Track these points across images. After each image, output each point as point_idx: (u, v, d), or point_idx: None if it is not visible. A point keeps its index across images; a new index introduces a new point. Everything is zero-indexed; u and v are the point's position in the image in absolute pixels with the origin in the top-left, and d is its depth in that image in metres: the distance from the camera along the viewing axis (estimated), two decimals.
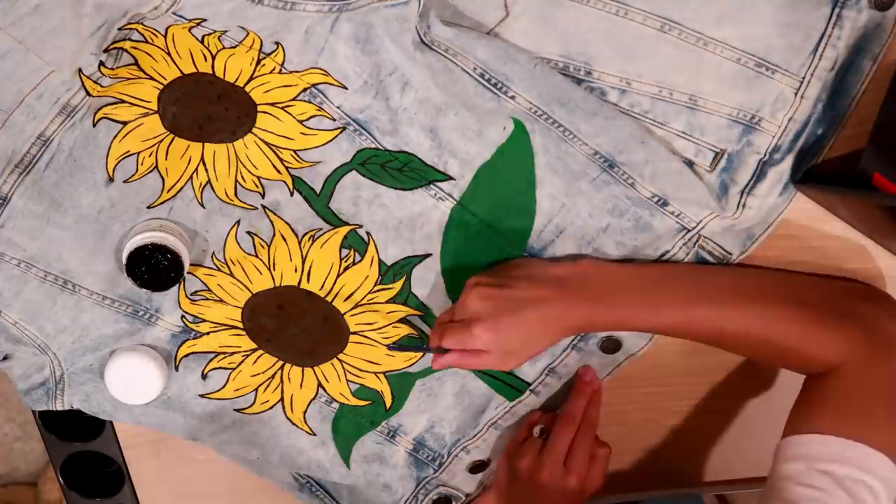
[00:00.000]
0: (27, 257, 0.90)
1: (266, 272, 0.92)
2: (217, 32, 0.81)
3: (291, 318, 0.93)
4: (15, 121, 0.84)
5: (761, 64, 0.79)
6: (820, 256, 0.90)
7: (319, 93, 0.84)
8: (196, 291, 0.93)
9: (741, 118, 0.81)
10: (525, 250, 0.89)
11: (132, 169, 0.87)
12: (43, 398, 0.97)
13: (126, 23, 0.80)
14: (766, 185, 0.83)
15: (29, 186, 0.86)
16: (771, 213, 0.86)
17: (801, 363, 0.85)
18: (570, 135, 0.82)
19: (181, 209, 0.89)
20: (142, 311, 0.93)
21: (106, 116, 0.85)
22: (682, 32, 0.79)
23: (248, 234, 0.90)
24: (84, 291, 0.92)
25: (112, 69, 0.82)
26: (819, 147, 0.83)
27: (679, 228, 0.86)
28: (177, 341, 0.95)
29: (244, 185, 0.88)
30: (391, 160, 0.87)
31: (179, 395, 0.97)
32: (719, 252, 0.88)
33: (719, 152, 0.83)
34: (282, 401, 0.98)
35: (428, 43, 0.79)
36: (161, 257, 0.86)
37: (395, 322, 0.93)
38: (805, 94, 0.79)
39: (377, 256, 0.91)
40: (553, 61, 0.81)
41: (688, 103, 0.81)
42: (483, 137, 0.85)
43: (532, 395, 0.96)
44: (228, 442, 1.00)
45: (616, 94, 0.82)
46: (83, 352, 0.95)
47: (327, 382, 0.96)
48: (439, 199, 0.88)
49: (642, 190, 0.85)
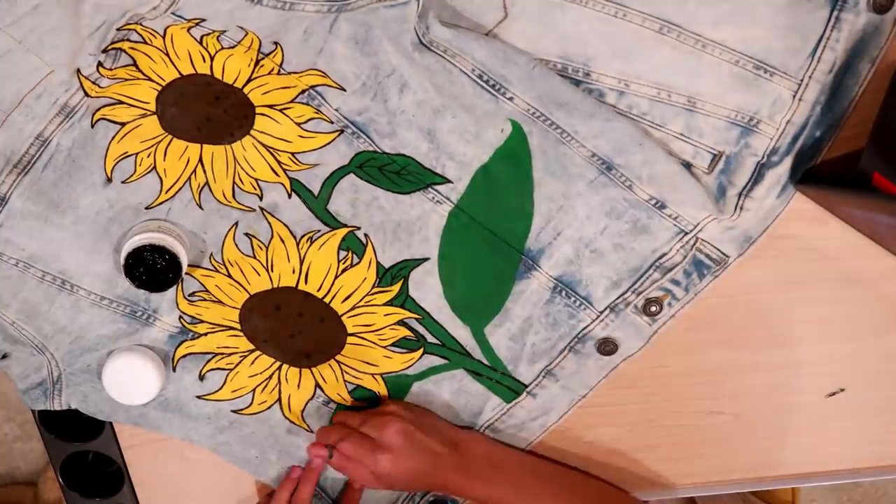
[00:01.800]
0: (25, 257, 0.90)
1: (264, 273, 0.92)
2: (216, 32, 0.81)
3: (289, 319, 0.93)
4: (14, 121, 0.84)
5: (760, 66, 0.79)
6: (820, 256, 0.90)
7: (318, 95, 0.84)
8: (194, 292, 0.93)
9: (739, 120, 0.81)
10: (523, 252, 0.89)
11: (130, 170, 0.87)
12: (41, 398, 0.97)
13: (125, 23, 0.80)
14: (764, 187, 0.83)
15: (27, 186, 0.87)
16: (769, 216, 0.85)
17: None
18: (567, 137, 0.82)
19: (179, 210, 0.89)
20: (140, 311, 0.93)
21: (104, 117, 0.85)
22: (680, 34, 0.79)
23: (246, 235, 0.90)
24: (82, 292, 0.92)
25: (110, 70, 0.82)
26: (817, 149, 0.83)
27: (677, 231, 0.86)
28: (174, 342, 0.95)
29: (242, 186, 0.88)
30: (389, 163, 0.87)
31: (177, 396, 0.97)
32: (717, 255, 0.88)
33: (717, 154, 0.83)
34: (279, 401, 0.98)
35: (427, 44, 0.79)
36: (159, 258, 0.85)
37: (393, 324, 0.93)
38: (803, 97, 0.79)
39: (375, 259, 0.91)
40: (551, 62, 0.81)
41: (686, 105, 0.81)
42: (481, 140, 0.85)
43: (529, 397, 0.96)
44: (226, 443, 1.00)
45: (614, 95, 0.82)
46: (81, 352, 0.95)
47: (325, 383, 0.96)
48: (437, 203, 0.88)
49: (640, 192, 0.85)
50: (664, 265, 0.88)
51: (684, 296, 0.90)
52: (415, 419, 0.93)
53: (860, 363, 0.96)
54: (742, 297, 0.92)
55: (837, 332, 0.94)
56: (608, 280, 0.90)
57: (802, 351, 0.95)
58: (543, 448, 0.99)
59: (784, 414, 0.98)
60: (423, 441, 0.92)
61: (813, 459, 1.01)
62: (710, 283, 0.89)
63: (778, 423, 0.98)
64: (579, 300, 0.91)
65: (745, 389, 0.97)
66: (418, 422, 0.93)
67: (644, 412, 0.98)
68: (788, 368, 0.96)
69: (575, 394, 0.96)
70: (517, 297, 0.91)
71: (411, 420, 0.93)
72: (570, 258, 0.89)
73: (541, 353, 0.93)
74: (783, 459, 1.01)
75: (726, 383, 0.97)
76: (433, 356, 0.95)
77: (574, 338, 0.93)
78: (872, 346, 0.95)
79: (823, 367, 0.96)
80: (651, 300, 0.90)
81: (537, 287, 0.91)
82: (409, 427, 0.92)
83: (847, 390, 0.97)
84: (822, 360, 0.96)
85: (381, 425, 0.92)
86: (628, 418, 0.98)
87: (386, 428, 0.91)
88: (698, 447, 1.00)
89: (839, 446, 1.00)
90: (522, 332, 0.93)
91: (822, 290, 0.92)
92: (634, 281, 0.89)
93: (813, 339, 0.95)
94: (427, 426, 0.94)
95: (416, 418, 0.94)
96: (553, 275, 0.90)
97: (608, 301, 0.91)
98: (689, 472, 1.02)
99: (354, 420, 0.94)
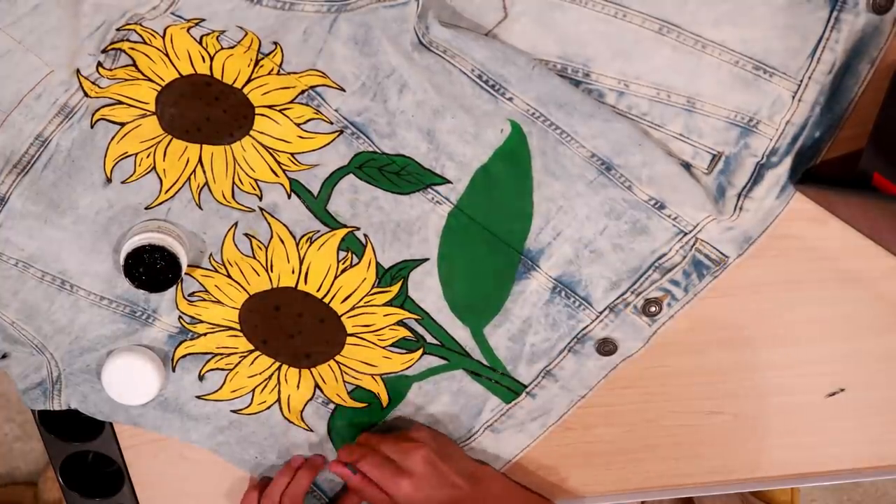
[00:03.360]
0: (25, 257, 0.90)
1: (263, 273, 0.92)
2: (215, 32, 0.81)
3: (289, 319, 0.93)
4: (14, 121, 0.84)
5: (759, 66, 0.79)
6: (820, 256, 0.90)
7: (317, 95, 0.84)
8: (193, 292, 0.93)
9: (739, 121, 0.81)
10: (522, 253, 0.89)
11: (130, 170, 0.87)
12: (40, 398, 0.97)
13: (125, 23, 0.80)
14: (764, 187, 0.83)
15: (27, 187, 0.87)
16: (768, 216, 0.85)
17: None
18: (567, 137, 0.82)
19: (179, 210, 0.89)
20: (139, 311, 0.93)
21: (104, 118, 0.85)
22: (680, 35, 0.79)
23: (245, 235, 0.90)
24: (82, 292, 0.92)
25: (110, 70, 0.83)
26: (817, 149, 0.83)
27: (676, 231, 0.86)
28: (174, 342, 0.95)
29: (242, 187, 0.88)
30: (388, 164, 0.87)
31: (176, 396, 0.97)
32: (716, 255, 0.88)
33: (717, 155, 0.83)
34: (279, 401, 0.98)
35: (426, 44, 0.79)
36: (159, 258, 0.85)
37: (392, 325, 0.93)
38: (803, 98, 0.79)
39: (374, 259, 0.91)
40: (551, 63, 0.81)
41: (685, 105, 0.81)
42: (480, 140, 0.85)
43: (528, 398, 0.96)
44: (226, 443, 1.00)
45: (614, 95, 0.82)
46: (80, 352, 0.95)
47: (324, 384, 0.96)
48: (436, 203, 0.88)
49: (639, 192, 0.85)
50: (663, 265, 0.88)
51: (684, 296, 0.90)
52: (440, 449, 0.93)
53: (860, 363, 0.96)
54: (742, 297, 0.92)
55: (837, 332, 0.94)
56: (607, 280, 0.90)
57: (802, 351, 0.95)
58: (543, 448, 0.99)
59: (784, 414, 0.98)
60: (446, 473, 0.92)
61: (813, 459, 1.01)
62: (709, 284, 0.89)
63: (778, 423, 0.98)
64: (579, 300, 0.91)
65: (745, 389, 0.97)
66: (443, 452, 0.93)
67: (644, 412, 0.98)
68: (788, 368, 0.96)
69: (574, 394, 0.96)
70: (516, 298, 0.91)
71: (436, 450, 0.92)
72: (569, 258, 0.89)
73: (540, 353, 0.93)
74: (783, 459, 1.01)
75: (726, 383, 0.97)
76: (433, 357, 0.95)
77: (573, 338, 0.93)
78: (872, 346, 0.95)
79: (823, 367, 0.96)
80: (650, 301, 0.90)
81: (537, 287, 0.91)
82: (434, 456, 0.91)
83: (847, 390, 0.97)
84: (822, 360, 0.96)
85: (407, 451, 0.91)
86: (628, 418, 0.98)
87: (412, 454, 0.91)
88: (698, 447, 1.00)
89: (839, 446, 1.00)
90: (522, 333, 0.93)
91: (822, 290, 0.92)
92: (634, 281, 0.89)
93: (813, 339, 0.94)
94: (451, 458, 0.94)
95: (441, 448, 0.94)
96: (552, 275, 0.90)
97: (607, 301, 0.91)
98: (689, 472, 1.01)
99: (379, 442, 0.94)
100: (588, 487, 1.03)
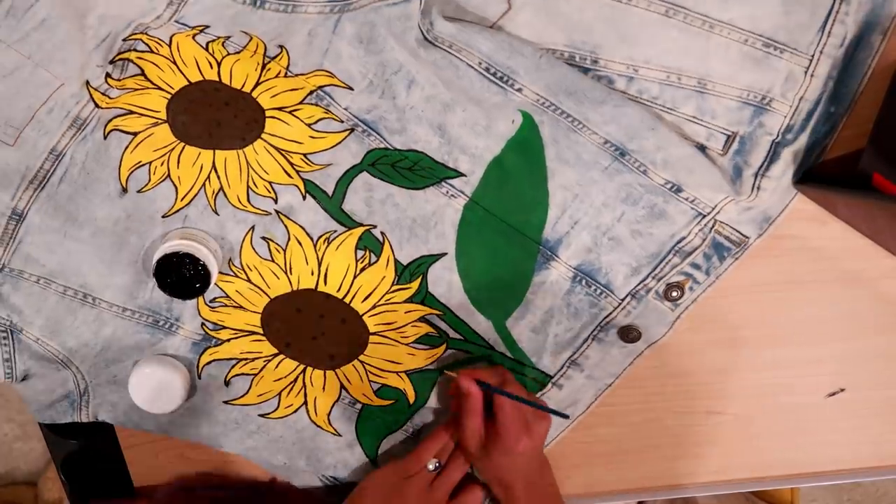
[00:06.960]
0: (46, 273, 0.90)
1: (283, 276, 0.92)
2: (221, 38, 0.81)
3: (310, 321, 0.94)
4: (27, 136, 0.84)
5: (769, 44, 0.78)
6: (820, 256, 0.90)
7: (326, 95, 0.84)
8: (215, 298, 0.93)
9: (752, 100, 0.80)
10: (540, 243, 0.89)
11: (145, 179, 0.88)
12: (68, 410, 0.97)
13: (130, 33, 0.81)
14: (781, 166, 0.82)
15: (44, 202, 0.87)
16: (787, 194, 0.85)
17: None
18: (579, 124, 0.82)
19: (196, 217, 0.89)
20: (162, 320, 0.94)
21: (116, 128, 0.85)
22: (687, 16, 0.78)
23: (263, 239, 0.90)
24: (104, 304, 0.93)
25: (119, 80, 0.83)
26: (833, 126, 0.82)
27: (695, 214, 0.86)
28: (198, 349, 0.96)
29: (256, 190, 0.88)
30: (401, 159, 0.86)
31: (203, 403, 0.98)
32: (737, 236, 0.87)
33: (731, 135, 0.82)
34: (305, 404, 0.98)
35: (431, 40, 0.79)
36: (190, 266, 0.86)
37: (415, 321, 0.93)
38: (815, 73, 0.78)
39: (393, 256, 0.91)
40: (558, 51, 0.80)
41: (697, 87, 0.80)
42: (492, 132, 0.85)
43: (555, 388, 0.95)
44: (255, 448, 1.00)
45: (624, 81, 0.81)
46: (106, 364, 0.95)
47: (349, 384, 0.96)
48: (451, 197, 0.88)
49: (655, 177, 0.84)
50: (684, 249, 0.88)
51: (706, 279, 0.89)
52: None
53: (860, 363, 0.96)
54: (742, 297, 0.92)
55: (837, 332, 0.94)
56: (628, 267, 0.89)
57: (802, 351, 0.95)
58: (545, 450, 0.98)
59: (784, 414, 0.98)
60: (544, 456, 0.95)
61: (813, 459, 1.01)
62: (731, 265, 0.89)
63: (778, 423, 0.98)
64: (600, 288, 0.90)
65: (745, 389, 0.97)
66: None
67: (644, 412, 0.98)
68: (788, 368, 0.96)
69: (601, 383, 0.95)
70: (537, 289, 0.91)
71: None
72: (588, 246, 0.89)
73: (564, 343, 0.93)
74: (783, 459, 1.01)
75: (726, 383, 0.97)
76: (456, 351, 0.94)
77: (597, 326, 0.92)
78: (873, 346, 0.95)
79: (823, 367, 0.96)
80: (672, 285, 0.89)
81: (557, 277, 0.90)
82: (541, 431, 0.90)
83: (847, 390, 0.97)
84: (822, 360, 0.96)
85: (540, 416, 0.89)
86: (629, 418, 0.98)
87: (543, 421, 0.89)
88: (698, 447, 1.00)
89: (839, 446, 1.01)
90: (544, 324, 0.92)
91: (823, 290, 0.92)
92: (654, 266, 0.89)
93: (813, 339, 0.94)
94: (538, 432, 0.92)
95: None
96: (572, 264, 0.90)
97: (629, 288, 0.90)
98: (689, 472, 1.02)
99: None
100: (588, 487, 1.03)
